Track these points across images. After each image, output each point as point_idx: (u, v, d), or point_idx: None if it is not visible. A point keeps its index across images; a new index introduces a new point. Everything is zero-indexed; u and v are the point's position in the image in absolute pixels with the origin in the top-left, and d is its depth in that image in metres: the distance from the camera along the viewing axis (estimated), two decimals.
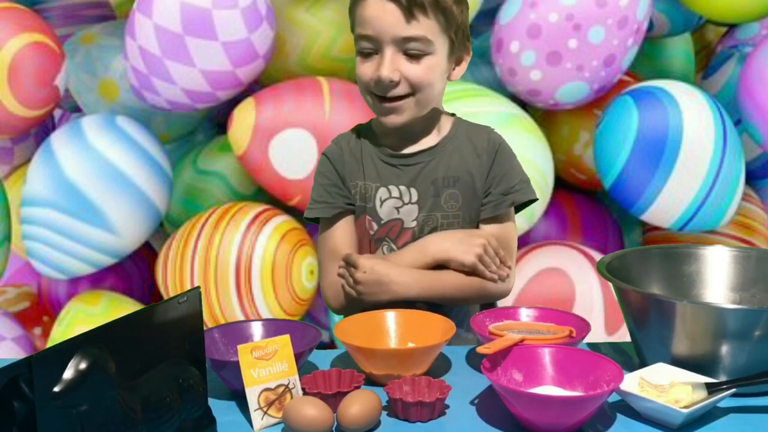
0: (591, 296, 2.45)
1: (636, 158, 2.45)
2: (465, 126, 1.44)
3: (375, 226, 1.40)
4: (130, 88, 2.67)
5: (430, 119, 1.40)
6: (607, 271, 1.21)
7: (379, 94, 1.33)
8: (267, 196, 2.76)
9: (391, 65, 1.30)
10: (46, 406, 0.80)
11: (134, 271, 3.05)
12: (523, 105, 2.80)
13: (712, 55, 3.30)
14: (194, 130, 3.21)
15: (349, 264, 1.32)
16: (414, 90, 1.32)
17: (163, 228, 2.99)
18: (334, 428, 1.00)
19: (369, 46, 1.31)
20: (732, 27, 3.25)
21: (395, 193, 1.38)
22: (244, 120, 2.54)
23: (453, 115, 1.45)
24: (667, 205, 2.47)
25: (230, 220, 2.54)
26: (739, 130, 2.68)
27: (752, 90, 2.52)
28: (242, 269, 2.49)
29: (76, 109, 3.21)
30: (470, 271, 1.34)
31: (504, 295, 1.40)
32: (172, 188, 2.77)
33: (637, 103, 2.48)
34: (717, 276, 1.30)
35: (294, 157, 2.52)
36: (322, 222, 1.43)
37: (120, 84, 2.84)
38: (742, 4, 2.59)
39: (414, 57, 1.30)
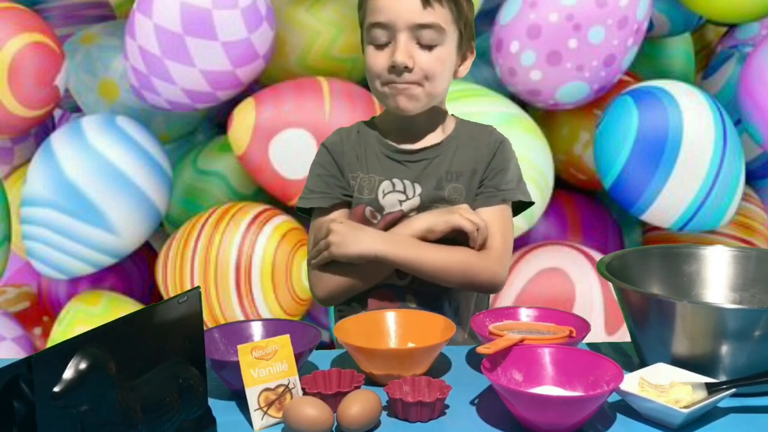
0: (591, 296, 2.45)
1: (636, 158, 2.45)
2: (468, 125, 1.45)
3: (378, 216, 1.39)
4: (130, 88, 2.66)
5: (434, 117, 1.40)
6: (607, 271, 1.21)
7: (392, 81, 1.32)
8: (267, 196, 2.76)
9: (406, 51, 1.30)
10: (46, 406, 0.80)
11: (134, 271, 3.05)
12: (523, 105, 2.79)
13: (712, 55, 3.30)
14: (194, 130, 3.21)
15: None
16: (426, 79, 1.32)
17: (163, 228, 2.99)
18: (334, 428, 1.00)
19: (382, 35, 1.32)
20: (732, 27, 3.24)
21: (399, 186, 1.38)
22: (244, 120, 2.54)
23: (453, 116, 1.46)
24: (667, 205, 2.47)
25: (230, 220, 2.54)
26: (739, 130, 2.68)
27: (752, 90, 2.52)
28: (242, 269, 2.49)
29: (76, 109, 3.21)
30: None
31: (495, 283, 1.35)
32: (172, 188, 2.77)
33: (637, 103, 2.47)
34: (717, 276, 1.30)
35: (294, 157, 2.52)
36: (315, 212, 1.42)
37: (120, 84, 2.84)
38: (742, 4, 2.59)
39: (426, 47, 1.31)
